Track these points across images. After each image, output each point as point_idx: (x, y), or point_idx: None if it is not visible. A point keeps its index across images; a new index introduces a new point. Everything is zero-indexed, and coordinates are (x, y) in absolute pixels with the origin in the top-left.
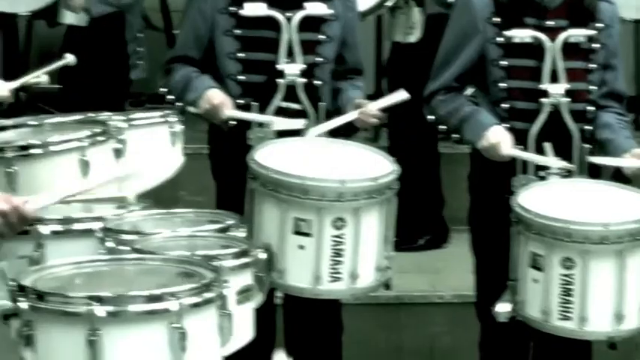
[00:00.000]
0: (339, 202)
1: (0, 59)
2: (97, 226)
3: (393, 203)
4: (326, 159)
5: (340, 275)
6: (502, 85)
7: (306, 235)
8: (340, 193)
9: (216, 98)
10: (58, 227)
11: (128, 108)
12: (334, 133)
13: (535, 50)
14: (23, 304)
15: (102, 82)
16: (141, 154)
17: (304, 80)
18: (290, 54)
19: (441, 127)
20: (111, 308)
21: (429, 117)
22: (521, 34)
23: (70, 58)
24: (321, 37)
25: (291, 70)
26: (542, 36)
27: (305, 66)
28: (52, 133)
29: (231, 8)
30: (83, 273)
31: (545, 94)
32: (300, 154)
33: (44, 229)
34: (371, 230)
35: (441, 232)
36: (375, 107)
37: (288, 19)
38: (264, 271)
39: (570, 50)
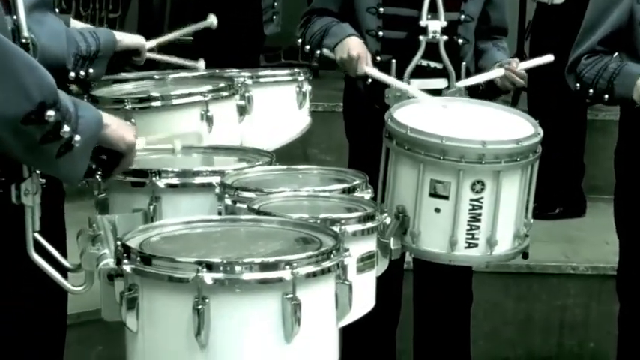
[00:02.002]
0: (480, 164)
1: (135, 18)
2: (215, 180)
3: (535, 168)
4: (466, 120)
5: (477, 241)
6: None
7: (443, 198)
8: (481, 155)
9: (355, 49)
10: (175, 180)
11: (263, 63)
12: (474, 95)
13: None
14: (127, 267)
15: (236, 36)
16: (266, 113)
17: (446, 38)
18: (433, 10)
19: (589, 92)
20: (220, 275)
21: (574, 85)
22: None
23: (212, 19)
24: None
25: (434, 26)
26: None
27: (447, 23)
28: (174, 86)
29: None
30: (194, 234)
31: None
32: (439, 114)
33: (160, 183)
34: (511, 195)
35: (578, 201)
36: (522, 66)
37: None
38: (398, 234)
39: None
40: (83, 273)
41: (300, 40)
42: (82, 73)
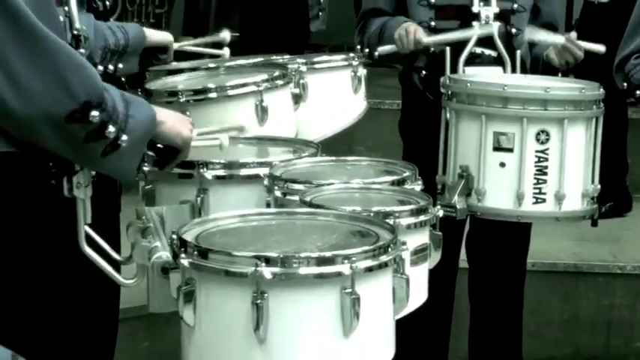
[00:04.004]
0: (543, 110)
1: (181, 13)
2: (264, 172)
3: (599, 127)
4: (526, 81)
5: (544, 196)
6: None
7: (508, 150)
8: (544, 101)
9: (413, 25)
10: (222, 172)
11: None
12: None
13: None
14: (184, 261)
15: (281, 32)
16: (322, 99)
17: (500, 24)
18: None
19: (636, 92)
20: (278, 270)
21: (621, 85)
22: None
23: (225, 35)
24: None
25: (487, 12)
26: None
27: (499, 10)
28: (227, 76)
29: None
30: (249, 227)
31: None
32: (498, 77)
33: (208, 174)
34: (577, 148)
35: (623, 199)
36: (581, 44)
37: None
38: (462, 194)
39: None
40: (134, 266)
41: (359, 46)
42: (111, 67)
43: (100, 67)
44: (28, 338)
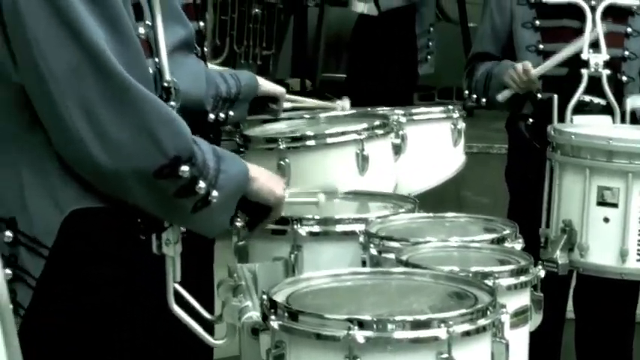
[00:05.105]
0: None
1: (290, 43)
2: (359, 228)
3: None
4: (634, 131)
5: None
6: None
7: (612, 205)
8: None
9: (520, 64)
10: (317, 228)
11: (417, 102)
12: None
13: None
14: (274, 323)
15: (389, 74)
16: (421, 151)
17: (609, 72)
18: (594, 46)
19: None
20: (372, 334)
21: None
22: None
23: (345, 103)
24: (629, 29)
25: (596, 59)
26: None
27: (609, 58)
28: (327, 125)
29: None
30: (343, 287)
31: None
32: (605, 128)
33: (302, 230)
34: None
35: None
36: None
37: (592, 9)
38: (565, 249)
39: None
40: (225, 324)
41: (466, 92)
42: (222, 115)
43: (212, 115)
44: None
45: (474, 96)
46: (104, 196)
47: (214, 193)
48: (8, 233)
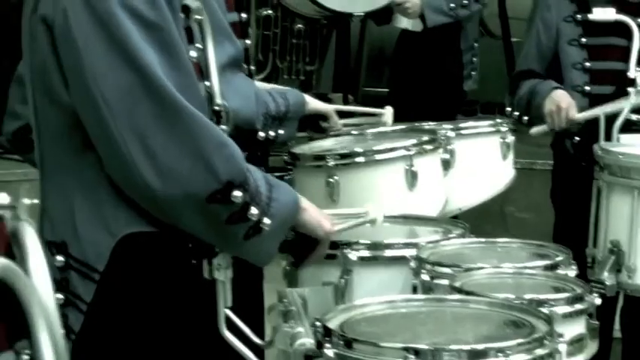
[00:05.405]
0: None
1: (332, 58)
2: (410, 253)
3: None
4: None
5: None
6: None
7: None
8: None
9: (564, 101)
10: (366, 253)
11: (459, 117)
12: None
13: None
14: (328, 351)
15: (433, 91)
16: (470, 166)
17: None
18: None
19: None
20: None
21: None
22: None
23: (388, 112)
24: None
25: None
26: None
27: None
28: (375, 141)
29: (578, 15)
30: (397, 314)
31: None
32: None
33: (352, 255)
34: None
35: None
36: None
37: None
38: (612, 270)
39: None
40: (275, 350)
41: (509, 108)
42: (272, 134)
43: (261, 134)
44: None
45: (516, 113)
46: (155, 221)
47: (266, 220)
48: (59, 257)
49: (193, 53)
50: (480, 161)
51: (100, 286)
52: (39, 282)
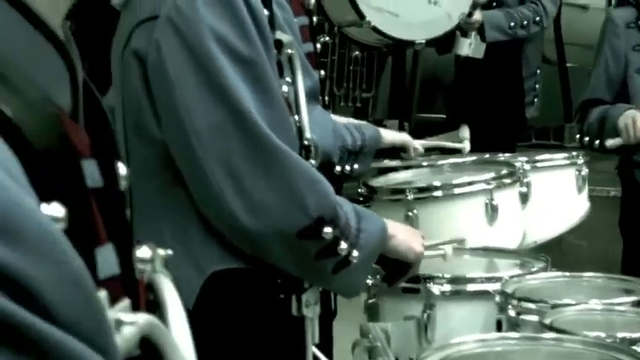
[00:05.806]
0: None
1: (387, 84)
2: (493, 288)
3: None
4: None
5: None
6: None
7: None
8: None
9: (638, 113)
10: (449, 287)
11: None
12: None
13: None
14: None
15: (494, 117)
16: (546, 199)
17: None
18: None
19: None
20: None
21: None
22: None
23: (464, 133)
24: None
25: None
26: None
27: None
28: (453, 174)
29: None
30: (492, 353)
31: None
32: None
33: (435, 289)
34: None
35: None
36: None
37: None
38: None
39: None
40: None
41: (578, 135)
42: (347, 168)
43: (338, 167)
44: None
45: (587, 139)
46: (244, 257)
47: (355, 253)
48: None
49: (284, 88)
50: (556, 194)
51: (189, 323)
52: (179, 336)
